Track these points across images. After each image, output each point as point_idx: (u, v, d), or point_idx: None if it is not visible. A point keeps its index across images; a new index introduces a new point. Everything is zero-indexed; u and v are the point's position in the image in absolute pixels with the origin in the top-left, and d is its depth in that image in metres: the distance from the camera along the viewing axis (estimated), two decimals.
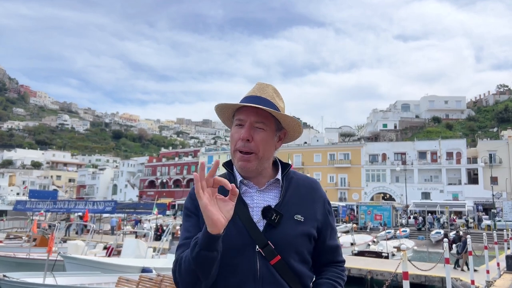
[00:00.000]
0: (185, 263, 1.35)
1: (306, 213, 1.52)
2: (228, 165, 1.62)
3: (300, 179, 1.62)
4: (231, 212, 1.28)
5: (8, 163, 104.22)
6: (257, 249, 1.42)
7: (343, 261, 1.67)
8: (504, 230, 23.60)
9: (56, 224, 23.27)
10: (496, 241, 15.55)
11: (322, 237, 1.57)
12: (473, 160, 53.74)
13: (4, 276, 8.56)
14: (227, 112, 1.60)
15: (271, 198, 1.53)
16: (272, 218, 1.45)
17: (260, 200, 1.52)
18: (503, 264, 14.63)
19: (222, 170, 1.63)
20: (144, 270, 12.62)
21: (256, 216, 1.47)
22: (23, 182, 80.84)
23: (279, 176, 1.57)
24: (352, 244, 23.02)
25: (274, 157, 1.61)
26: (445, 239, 9.02)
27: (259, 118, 1.51)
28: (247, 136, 1.49)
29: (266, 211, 1.46)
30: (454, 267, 16.11)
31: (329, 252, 1.61)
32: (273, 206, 1.48)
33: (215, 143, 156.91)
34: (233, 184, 1.27)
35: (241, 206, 1.48)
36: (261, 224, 1.46)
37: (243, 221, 1.45)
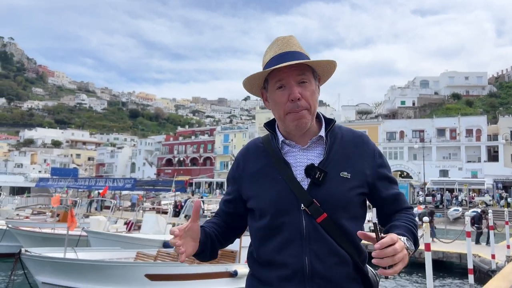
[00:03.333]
0: None
1: (353, 170, 1.47)
2: (270, 126, 1.59)
3: (345, 134, 1.56)
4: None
5: (30, 142, 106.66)
6: (302, 207, 1.41)
7: (411, 207, 1.60)
8: None
9: (78, 201, 23.91)
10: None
11: (376, 190, 1.52)
12: (493, 137, 52.61)
13: (26, 251, 8.73)
14: (258, 80, 1.54)
15: (315, 156, 1.49)
16: (316, 176, 1.42)
17: (303, 158, 1.49)
18: None
19: (264, 132, 1.62)
20: (165, 244, 12.93)
21: (300, 175, 1.45)
22: (44, 161, 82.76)
23: (322, 133, 1.52)
24: (369, 221, 23.03)
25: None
26: (467, 213, 8.96)
27: (300, 72, 1.46)
28: (297, 96, 1.44)
29: (309, 169, 1.43)
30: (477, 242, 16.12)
31: (391, 202, 1.54)
32: (316, 164, 1.45)
33: (230, 121, 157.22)
34: (198, 201, 1.41)
35: (284, 166, 1.47)
36: (305, 183, 1.44)
37: (287, 180, 1.44)
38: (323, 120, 1.57)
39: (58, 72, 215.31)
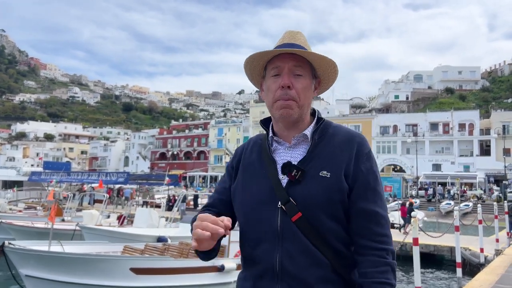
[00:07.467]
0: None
1: (334, 168, 1.40)
2: (265, 123, 1.59)
3: (338, 134, 1.49)
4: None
5: (22, 135, 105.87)
6: (279, 205, 1.40)
7: (385, 235, 1.39)
8: None
9: (69, 195, 23.82)
10: (507, 211, 15.54)
11: (352, 196, 1.40)
12: (486, 131, 53.00)
13: (9, 243, 8.46)
14: (258, 64, 1.53)
15: (299, 155, 1.47)
16: (293, 174, 1.40)
17: (287, 156, 1.48)
18: None
19: (258, 126, 1.61)
20: (160, 239, 12.90)
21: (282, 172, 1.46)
22: (37, 154, 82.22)
23: (307, 131, 1.49)
24: None
25: (312, 108, 1.55)
26: (456, 208, 9.03)
27: (297, 63, 1.46)
28: (288, 83, 1.43)
29: (285, 167, 1.42)
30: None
31: (363, 217, 1.39)
32: (296, 163, 1.44)
33: (224, 115, 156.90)
34: (226, 225, 1.28)
35: (270, 163, 1.47)
36: (285, 181, 1.43)
37: (270, 177, 1.45)
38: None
39: (50, 65, 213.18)
